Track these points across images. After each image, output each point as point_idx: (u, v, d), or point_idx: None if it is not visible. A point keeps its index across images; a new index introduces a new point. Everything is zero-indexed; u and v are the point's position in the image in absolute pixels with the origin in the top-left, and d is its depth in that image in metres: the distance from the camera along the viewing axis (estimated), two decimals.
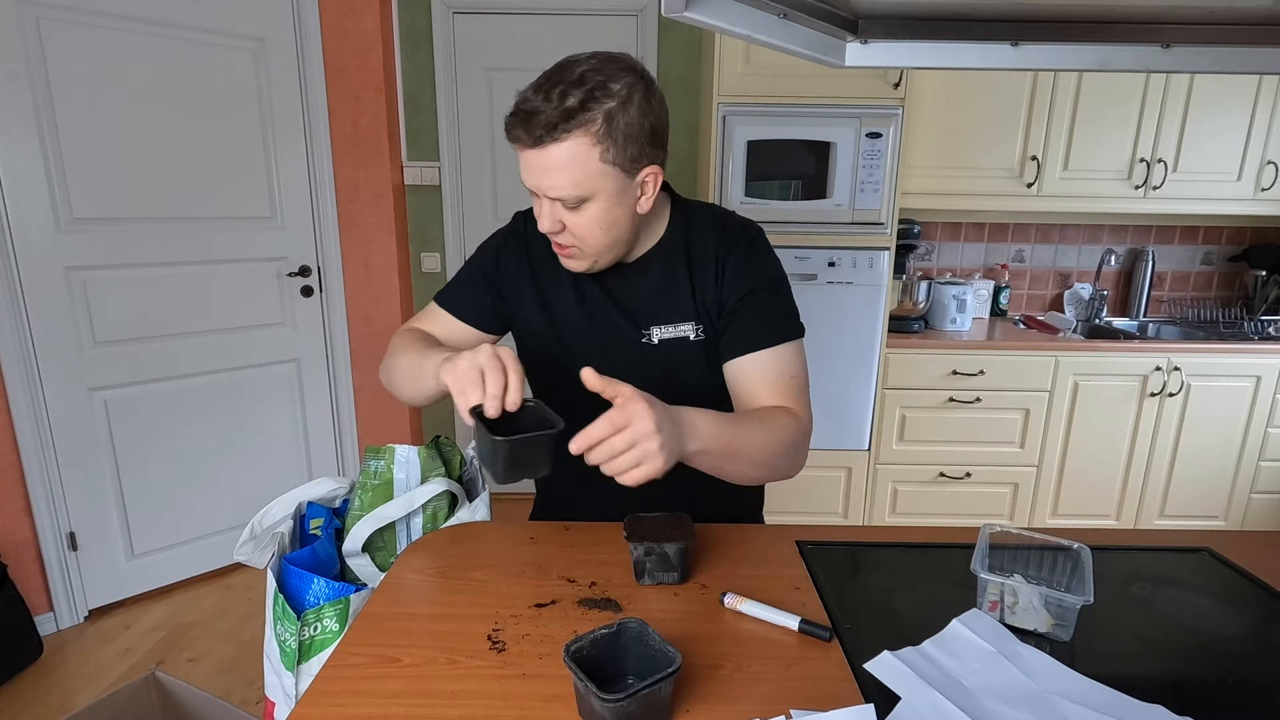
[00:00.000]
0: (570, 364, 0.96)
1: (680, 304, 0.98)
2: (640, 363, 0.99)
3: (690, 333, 0.99)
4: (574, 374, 0.93)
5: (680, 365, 0.99)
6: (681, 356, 0.99)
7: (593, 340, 1.00)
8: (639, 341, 0.99)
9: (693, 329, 0.99)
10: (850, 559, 0.93)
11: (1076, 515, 2.60)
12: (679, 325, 0.98)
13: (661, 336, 0.99)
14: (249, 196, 2.34)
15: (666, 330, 0.98)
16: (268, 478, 2.51)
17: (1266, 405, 2.47)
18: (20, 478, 2.04)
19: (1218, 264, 2.96)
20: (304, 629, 0.94)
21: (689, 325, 0.99)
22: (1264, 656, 0.75)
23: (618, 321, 0.99)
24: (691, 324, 0.99)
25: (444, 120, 2.80)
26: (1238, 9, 0.73)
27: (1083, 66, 0.84)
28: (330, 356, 2.62)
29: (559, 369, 1.00)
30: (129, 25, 2.05)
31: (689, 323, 0.99)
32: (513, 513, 3.12)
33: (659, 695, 0.62)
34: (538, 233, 0.98)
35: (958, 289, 2.62)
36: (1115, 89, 2.43)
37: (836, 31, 0.85)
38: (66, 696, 1.86)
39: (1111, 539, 0.99)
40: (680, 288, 0.98)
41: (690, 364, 0.99)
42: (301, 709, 0.65)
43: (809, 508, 2.57)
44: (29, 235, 1.96)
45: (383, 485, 1.08)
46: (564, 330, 1.01)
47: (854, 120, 2.26)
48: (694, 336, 0.99)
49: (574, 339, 1.01)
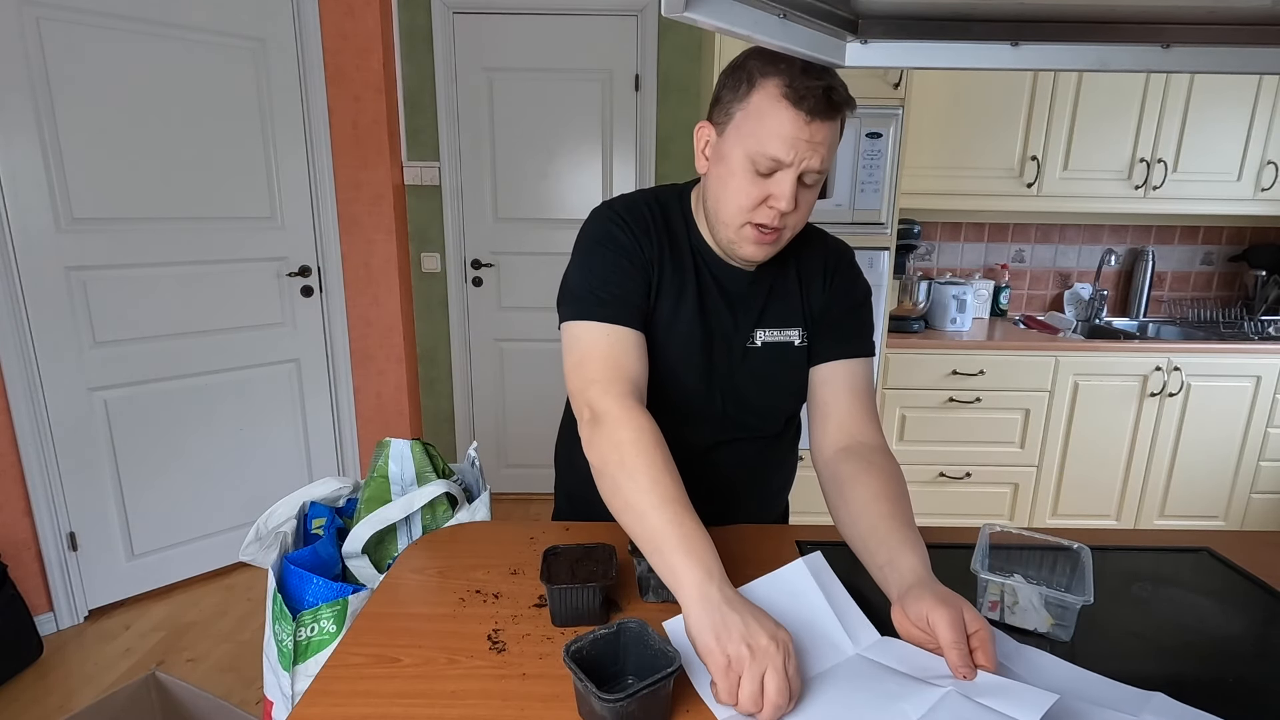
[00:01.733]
0: (669, 359, 0.95)
1: (790, 310, 0.99)
2: (739, 364, 0.98)
3: (796, 338, 0.99)
4: (671, 370, 0.96)
5: (778, 369, 1.00)
6: (782, 360, 0.99)
7: (700, 338, 0.96)
8: (744, 344, 0.98)
9: (799, 335, 1.00)
10: (850, 559, 0.93)
11: (1076, 515, 2.60)
12: (785, 330, 0.99)
13: (765, 340, 0.99)
14: (249, 196, 2.34)
15: (772, 334, 0.99)
16: (268, 478, 2.52)
17: (1266, 405, 2.47)
18: (20, 478, 2.04)
19: (1218, 264, 2.96)
20: (300, 630, 0.94)
21: (795, 331, 1.00)
22: (1264, 656, 0.75)
23: (727, 322, 0.98)
24: (799, 330, 1.00)
25: (444, 120, 2.80)
26: (1238, 9, 0.73)
27: (1083, 66, 0.84)
28: (330, 356, 2.62)
29: (656, 362, 0.94)
30: (129, 25, 2.05)
31: (796, 328, 1.00)
32: (513, 513, 3.14)
33: (659, 695, 0.62)
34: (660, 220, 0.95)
35: (958, 289, 2.62)
36: (1115, 89, 2.43)
37: (836, 31, 0.85)
38: (66, 696, 1.86)
39: (1111, 539, 0.99)
40: (791, 294, 0.99)
41: (789, 368, 1.00)
42: (301, 709, 0.65)
43: (809, 508, 2.55)
44: (29, 235, 1.96)
45: (379, 479, 1.09)
46: (677, 324, 0.95)
47: (854, 120, 2.26)
48: (799, 342, 1.00)
49: (683, 336, 0.96)
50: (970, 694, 0.61)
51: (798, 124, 0.81)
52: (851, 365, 0.98)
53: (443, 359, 3.06)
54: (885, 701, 0.62)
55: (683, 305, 0.94)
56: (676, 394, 0.96)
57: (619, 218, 0.93)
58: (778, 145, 0.82)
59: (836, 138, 0.85)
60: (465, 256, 2.96)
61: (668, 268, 0.94)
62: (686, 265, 0.95)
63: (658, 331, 0.94)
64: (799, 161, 0.82)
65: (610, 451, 0.79)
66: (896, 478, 0.90)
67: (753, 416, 1.01)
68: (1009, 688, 0.62)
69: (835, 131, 0.84)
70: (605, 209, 0.95)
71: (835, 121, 0.83)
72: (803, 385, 1.01)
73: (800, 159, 0.82)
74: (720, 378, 0.98)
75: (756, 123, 0.83)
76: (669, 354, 0.95)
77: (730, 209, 0.87)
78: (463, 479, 1.18)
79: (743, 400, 0.99)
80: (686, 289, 0.94)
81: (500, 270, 2.97)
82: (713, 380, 0.98)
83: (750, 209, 0.86)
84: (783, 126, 0.81)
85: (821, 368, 1.00)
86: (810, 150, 0.82)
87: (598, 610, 0.76)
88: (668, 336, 0.94)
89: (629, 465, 0.76)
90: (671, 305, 0.94)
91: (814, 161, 0.83)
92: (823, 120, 0.81)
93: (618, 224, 0.92)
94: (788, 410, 1.04)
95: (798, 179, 0.83)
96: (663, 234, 0.94)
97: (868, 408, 0.98)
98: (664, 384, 0.95)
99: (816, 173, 0.84)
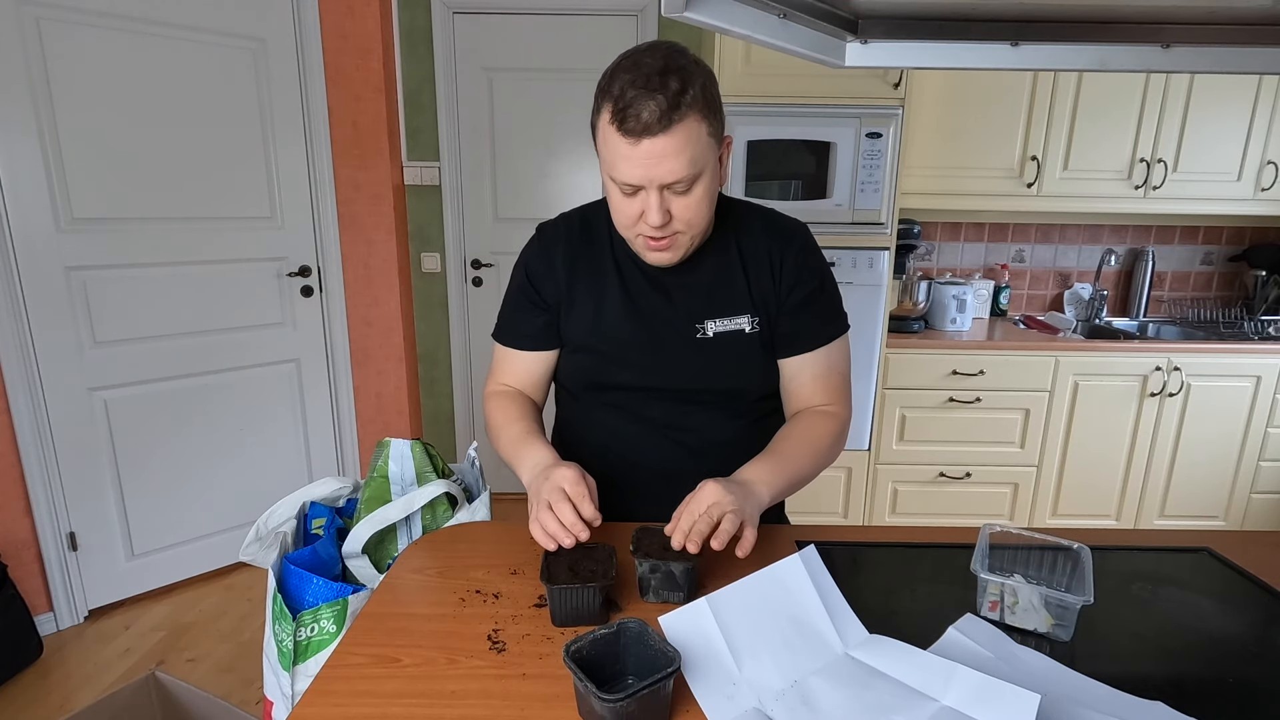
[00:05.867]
0: (619, 363, 1.00)
1: (735, 297, 1.00)
2: (695, 357, 0.99)
3: (746, 325, 1.00)
4: (622, 374, 1.01)
5: (736, 357, 1.00)
6: (737, 349, 1.00)
7: (644, 338, 1.00)
8: (693, 336, 0.99)
9: (749, 321, 1.00)
10: (850, 559, 0.93)
11: (1076, 515, 2.60)
12: (734, 318, 1.00)
13: (716, 330, 0.99)
14: (249, 196, 2.34)
15: (722, 324, 0.99)
16: (268, 478, 2.52)
17: (1266, 405, 2.47)
18: (20, 478, 2.04)
19: (1218, 264, 2.96)
20: (300, 630, 0.94)
21: (744, 318, 1.00)
22: (1264, 656, 0.75)
23: (669, 317, 0.99)
24: (747, 316, 1.00)
25: (444, 120, 2.80)
26: (1238, 9, 0.73)
27: (1083, 66, 0.84)
28: (330, 356, 2.62)
29: (606, 370, 1.01)
30: (129, 25, 2.05)
31: (744, 315, 1.00)
32: (513, 513, 3.14)
33: (659, 695, 0.62)
34: (576, 235, 1.02)
35: (958, 289, 2.62)
36: (1115, 89, 2.43)
37: (836, 31, 0.85)
38: (66, 696, 1.86)
39: (1111, 539, 0.99)
40: (735, 281, 1.00)
41: (746, 356, 1.01)
42: (301, 709, 0.65)
43: (809, 508, 2.57)
44: (29, 235, 1.96)
45: (379, 479, 1.09)
46: (613, 329, 1.00)
47: (854, 120, 2.26)
48: (749, 329, 1.00)
49: (624, 338, 1.00)
50: (958, 706, 0.62)
51: (629, 147, 0.82)
52: (812, 357, 1.02)
53: (443, 359, 3.06)
54: (877, 713, 0.62)
55: (606, 305, 1.00)
56: (631, 377, 1.01)
57: (533, 250, 1.05)
58: (622, 169, 0.84)
59: (690, 144, 0.82)
60: (465, 256, 2.96)
61: (580, 281, 1.01)
62: (606, 270, 1.01)
63: (583, 332, 1.02)
64: (649, 180, 0.84)
65: (489, 416, 1.06)
66: (814, 423, 0.99)
67: (719, 396, 1.03)
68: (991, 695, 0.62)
69: (682, 140, 0.81)
70: (533, 239, 1.06)
71: (671, 133, 0.80)
72: (765, 366, 1.03)
73: (648, 178, 0.83)
74: (673, 363, 0.99)
75: (604, 148, 0.86)
76: (606, 346, 1.01)
77: (619, 225, 0.93)
78: (463, 479, 1.18)
79: (704, 383, 1.01)
80: (607, 291, 1.00)
81: (500, 270, 2.97)
82: (663, 365, 1.00)
83: (631, 225, 0.90)
84: (619, 150, 0.83)
85: (789, 361, 1.02)
86: (654, 167, 0.82)
87: (598, 610, 0.76)
88: (597, 333, 1.01)
89: (493, 418, 1.04)
90: (593, 309, 1.01)
91: (665, 176, 0.83)
92: (654, 136, 0.81)
93: (529, 258, 1.05)
94: (757, 390, 1.04)
95: (665, 190, 0.85)
96: (578, 249, 1.02)
97: (835, 386, 1.03)
98: (616, 369, 1.00)
99: (679, 183, 0.84)
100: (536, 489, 0.85)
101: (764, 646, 0.71)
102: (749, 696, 0.66)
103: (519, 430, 0.97)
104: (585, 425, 1.08)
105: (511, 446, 0.96)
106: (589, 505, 0.81)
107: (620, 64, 0.84)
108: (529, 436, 0.95)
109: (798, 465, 0.93)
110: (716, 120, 0.86)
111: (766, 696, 0.66)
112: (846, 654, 0.71)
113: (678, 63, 0.82)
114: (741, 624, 0.72)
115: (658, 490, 1.03)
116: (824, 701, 0.65)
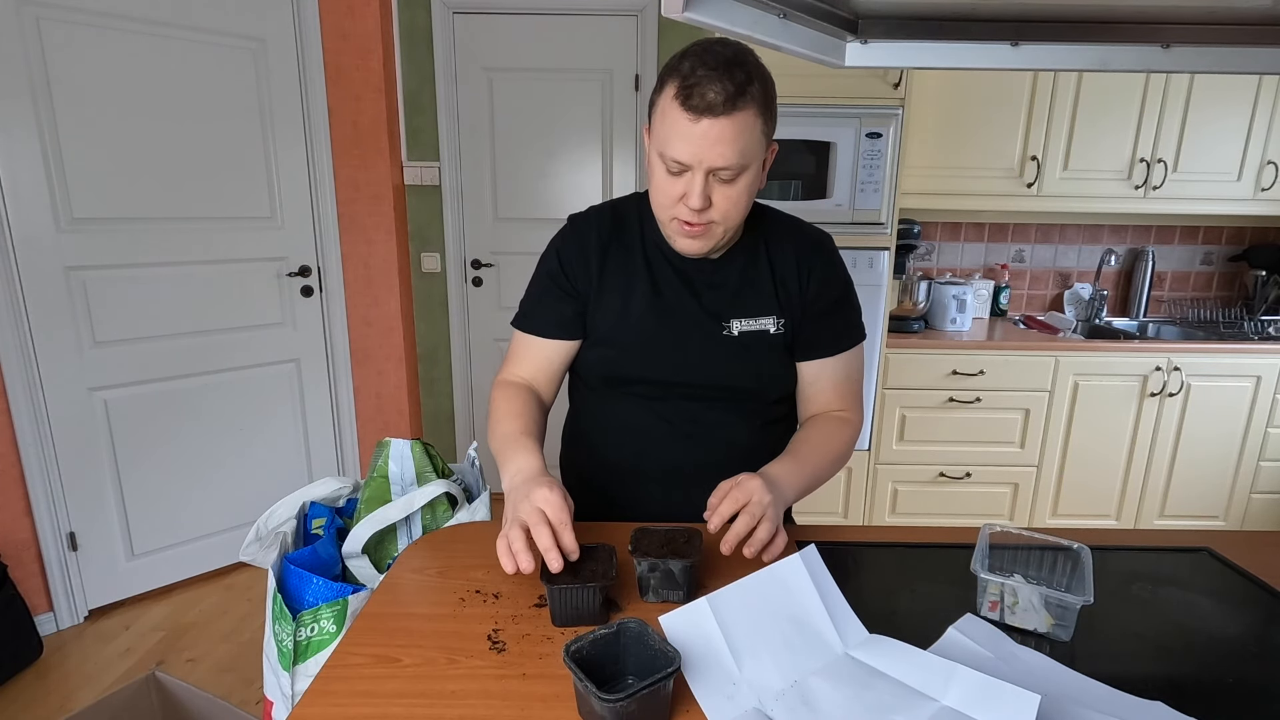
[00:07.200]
0: (641, 357, 1.01)
1: (763, 298, 1.01)
2: (720, 355, 1.00)
3: (771, 326, 1.01)
4: (643, 368, 1.01)
5: (759, 357, 1.01)
6: (760, 349, 1.01)
7: (670, 334, 1.00)
8: (719, 334, 1.00)
9: (774, 323, 1.01)
10: (850, 559, 0.93)
11: (1076, 515, 2.60)
12: (760, 319, 1.01)
13: (742, 329, 1.00)
14: (249, 196, 2.34)
15: (747, 323, 1.00)
16: (268, 478, 2.52)
17: (1266, 405, 2.47)
18: (20, 478, 2.04)
19: (1218, 264, 2.97)
20: (300, 630, 0.94)
21: (770, 319, 1.01)
22: (1264, 656, 0.75)
23: (696, 313, 1.00)
24: (773, 318, 1.01)
25: (444, 120, 2.80)
26: (1238, 9, 0.73)
27: (1083, 66, 0.84)
28: (330, 356, 2.62)
29: (628, 362, 1.01)
30: (129, 25, 2.05)
31: (770, 317, 1.01)
32: None
33: (659, 695, 0.62)
34: (608, 226, 1.02)
35: (958, 289, 2.62)
36: (1115, 89, 2.43)
37: (836, 31, 0.85)
38: (66, 696, 1.86)
39: (1111, 539, 0.99)
40: (762, 282, 1.01)
41: (768, 356, 1.02)
42: (301, 709, 0.65)
43: (809, 508, 2.57)
44: (29, 235, 1.96)
45: (379, 479, 1.09)
46: (639, 323, 1.01)
47: (854, 120, 2.26)
48: (775, 330, 1.01)
49: (650, 330, 1.00)
50: (958, 707, 0.62)
51: (688, 123, 0.83)
52: (832, 363, 1.04)
53: (443, 359, 3.06)
54: (877, 713, 0.62)
55: (633, 297, 1.01)
56: (652, 371, 1.01)
57: (566, 236, 1.04)
58: (676, 146, 0.84)
59: (744, 135, 0.83)
60: (465, 256, 2.96)
61: (610, 271, 1.01)
62: (636, 262, 1.01)
63: (609, 323, 1.02)
64: (699, 161, 0.84)
65: (494, 403, 1.03)
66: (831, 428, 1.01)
67: (737, 395, 1.03)
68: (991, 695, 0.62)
69: (738, 128, 0.83)
70: (565, 227, 1.05)
71: (732, 118, 0.82)
72: (785, 369, 1.04)
73: (699, 159, 0.84)
74: (697, 359, 1.00)
75: (661, 123, 0.86)
76: (630, 339, 1.01)
77: (656, 206, 0.94)
78: (463, 479, 1.18)
79: (726, 381, 1.01)
80: (636, 283, 1.01)
81: (500, 270, 2.97)
82: (687, 361, 1.00)
83: (670, 206, 0.90)
84: (677, 126, 0.84)
85: (808, 366, 1.04)
86: (708, 148, 0.83)
87: (598, 610, 0.76)
88: (623, 325, 1.01)
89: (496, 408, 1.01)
90: (620, 301, 1.01)
91: (716, 160, 0.84)
92: (715, 118, 0.81)
93: (562, 245, 1.04)
94: (774, 392, 1.05)
95: (711, 176, 0.86)
96: (610, 240, 1.02)
97: (850, 393, 1.06)
98: (638, 363, 1.01)
99: (727, 170, 0.85)
100: (515, 502, 0.83)
101: (764, 646, 0.71)
102: (749, 696, 0.66)
103: (515, 428, 0.97)
104: (598, 418, 1.08)
105: (502, 443, 0.96)
106: (569, 535, 0.77)
107: (691, 48, 0.85)
108: (522, 438, 0.94)
109: (816, 467, 0.95)
110: (770, 123, 0.88)
111: (766, 696, 0.66)
112: (846, 654, 0.71)
113: (747, 59, 0.84)
114: (741, 624, 0.72)
115: (663, 487, 1.03)
116: (824, 701, 0.65)
